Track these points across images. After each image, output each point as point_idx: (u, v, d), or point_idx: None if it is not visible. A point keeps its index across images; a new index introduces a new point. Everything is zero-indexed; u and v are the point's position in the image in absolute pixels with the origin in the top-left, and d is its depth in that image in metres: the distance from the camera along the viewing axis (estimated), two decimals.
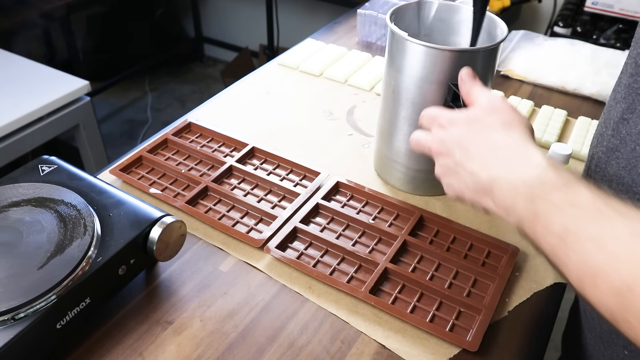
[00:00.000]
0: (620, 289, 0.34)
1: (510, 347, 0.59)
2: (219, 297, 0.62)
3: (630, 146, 0.49)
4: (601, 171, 0.53)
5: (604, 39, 1.48)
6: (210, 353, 0.56)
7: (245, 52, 2.75)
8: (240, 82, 1.04)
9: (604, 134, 0.53)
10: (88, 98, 1.53)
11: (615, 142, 0.51)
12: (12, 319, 0.49)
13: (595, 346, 0.58)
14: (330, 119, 0.94)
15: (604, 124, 0.54)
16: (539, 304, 0.64)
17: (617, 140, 0.51)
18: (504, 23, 0.68)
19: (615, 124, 0.51)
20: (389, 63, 0.70)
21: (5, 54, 1.63)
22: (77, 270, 0.53)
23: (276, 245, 0.67)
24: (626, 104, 0.50)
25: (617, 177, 0.50)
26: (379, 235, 0.70)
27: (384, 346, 0.58)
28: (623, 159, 0.50)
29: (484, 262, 0.67)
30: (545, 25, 1.77)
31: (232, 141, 0.85)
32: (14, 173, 0.64)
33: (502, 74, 1.10)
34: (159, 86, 2.84)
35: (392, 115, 0.73)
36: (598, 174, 0.53)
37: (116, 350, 0.56)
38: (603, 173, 0.52)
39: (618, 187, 0.50)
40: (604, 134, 0.53)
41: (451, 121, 0.53)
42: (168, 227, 0.59)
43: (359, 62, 1.09)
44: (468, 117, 0.53)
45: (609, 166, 0.52)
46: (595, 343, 0.58)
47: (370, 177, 0.81)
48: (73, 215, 0.58)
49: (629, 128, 0.49)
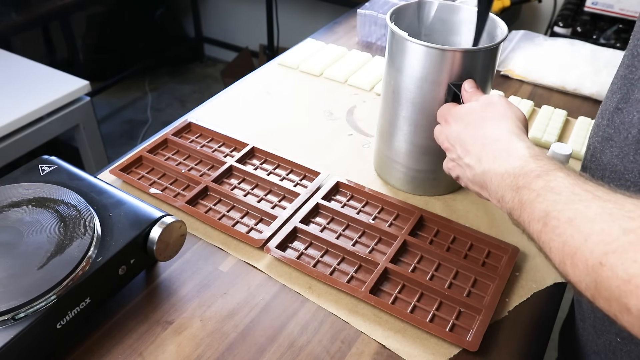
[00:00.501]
0: (594, 265, 0.36)
1: (510, 347, 0.59)
2: (219, 297, 0.62)
3: (623, 134, 0.50)
4: (596, 160, 0.54)
5: (604, 39, 1.48)
6: (210, 353, 0.56)
7: (245, 52, 2.75)
8: (240, 82, 1.04)
9: (599, 124, 0.55)
10: (88, 98, 1.53)
11: (610, 131, 0.52)
12: (12, 319, 0.49)
13: (588, 336, 0.59)
14: (330, 119, 0.94)
15: (600, 115, 0.55)
16: (539, 304, 0.64)
17: (611, 129, 0.52)
18: (504, 23, 0.68)
19: (610, 114, 0.52)
20: (389, 63, 0.70)
21: (5, 54, 1.63)
22: (77, 270, 0.53)
23: (276, 245, 0.67)
24: (621, 94, 0.51)
25: (610, 166, 0.51)
26: (379, 235, 0.70)
27: (384, 346, 0.58)
28: (616, 148, 0.51)
29: (484, 262, 0.67)
30: (545, 25, 1.77)
31: (232, 141, 0.85)
32: (14, 173, 0.64)
33: (502, 74, 1.10)
34: (159, 86, 2.84)
35: (392, 115, 0.73)
36: (593, 163, 0.55)
37: (116, 350, 0.56)
38: (598, 162, 0.53)
39: (611, 175, 0.51)
40: (599, 124, 0.55)
41: (453, 117, 0.59)
42: (168, 227, 0.59)
43: (359, 62, 1.09)
44: (466, 111, 0.58)
45: (603, 155, 0.53)
46: (589, 333, 0.58)
47: (370, 177, 0.81)
48: (73, 215, 0.58)
49: (622, 117, 0.50)
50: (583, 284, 0.37)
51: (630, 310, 0.33)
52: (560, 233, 0.39)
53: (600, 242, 0.36)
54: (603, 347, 0.55)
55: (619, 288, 0.34)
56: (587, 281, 0.37)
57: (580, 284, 0.38)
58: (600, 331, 0.56)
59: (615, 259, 0.34)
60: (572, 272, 0.38)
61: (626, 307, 0.34)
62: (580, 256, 0.37)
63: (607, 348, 0.55)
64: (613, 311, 0.35)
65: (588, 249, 0.36)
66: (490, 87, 0.71)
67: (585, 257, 0.37)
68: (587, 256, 0.36)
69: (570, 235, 0.38)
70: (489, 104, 0.57)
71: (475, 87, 0.62)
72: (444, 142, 0.60)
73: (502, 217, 0.74)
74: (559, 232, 0.39)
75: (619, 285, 0.34)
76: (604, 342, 0.55)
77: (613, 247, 0.35)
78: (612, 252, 0.35)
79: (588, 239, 0.37)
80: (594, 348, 0.57)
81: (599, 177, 0.53)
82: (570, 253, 0.38)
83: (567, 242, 0.38)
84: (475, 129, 0.55)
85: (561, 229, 0.39)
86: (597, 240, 0.36)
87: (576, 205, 0.39)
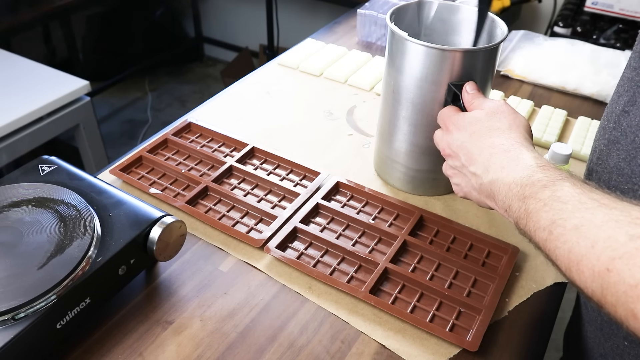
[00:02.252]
0: (600, 272, 0.36)
1: (510, 347, 0.59)
2: (219, 297, 0.62)
3: (630, 137, 0.50)
4: (602, 163, 0.54)
5: (604, 39, 1.48)
6: (210, 353, 0.56)
7: (245, 52, 2.75)
8: (240, 82, 1.04)
9: (605, 127, 0.54)
10: (88, 98, 1.54)
11: (616, 134, 0.52)
12: (12, 319, 0.49)
13: (595, 339, 0.58)
14: (330, 119, 0.94)
15: (606, 117, 0.55)
16: (539, 304, 0.64)
17: (617, 132, 0.52)
18: (504, 23, 0.68)
19: (617, 117, 0.52)
20: (389, 63, 0.70)
21: (5, 54, 1.63)
22: (77, 270, 0.53)
23: (276, 245, 0.67)
24: (627, 96, 0.51)
25: (617, 169, 0.51)
26: (379, 235, 0.70)
27: (384, 346, 0.58)
28: (623, 151, 0.51)
29: (484, 262, 0.67)
30: (545, 25, 1.77)
31: (232, 141, 0.85)
32: (14, 173, 0.64)
33: (502, 74, 1.10)
34: (159, 86, 2.84)
35: (392, 115, 0.73)
36: (599, 166, 0.54)
37: (116, 350, 0.56)
38: (604, 165, 0.53)
39: (618, 179, 0.51)
40: (606, 127, 0.54)
41: (456, 125, 0.58)
42: (168, 227, 0.59)
43: (359, 62, 1.09)
44: (471, 120, 0.57)
45: (609, 158, 0.53)
46: (596, 336, 0.58)
47: (370, 177, 0.81)
48: (73, 215, 0.58)
49: (629, 120, 0.50)
50: (589, 290, 0.37)
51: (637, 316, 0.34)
52: (566, 240, 0.39)
53: (607, 249, 0.36)
54: (610, 351, 0.55)
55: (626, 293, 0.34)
56: (594, 287, 0.37)
57: (587, 290, 0.38)
58: (608, 334, 0.55)
59: (622, 265, 0.35)
60: (578, 278, 0.38)
61: (632, 312, 0.34)
62: (586, 262, 0.37)
63: (615, 352, 0.54)
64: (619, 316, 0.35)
65: (594, 255, 0.37)
66: (490, 87, 0.71)
67: (591, 264, 0.37)
68: (593, 262, 0.37)
69: (576, 242, 0.38)
70: (494, 112, 0.56)
71: (477, 89, 0.62)
72: (445, 149, 0.60)
73: (502, 217, 0.73)
74: (564, 239, 0.39)
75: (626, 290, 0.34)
76: (612, 346, 0.55)
77: (620, 253, 0.35)
78: (619, 258, 0.35)
79: (594, 246, 0.37)
80: (600, 351, 0.57)
81: (605, 180, 0.53)
82: (576, 260, 0.38)
83: (573, 249, 0.39)
84: (481, 138, 0.54)
85: (567, 236, 0.39)
86: (604, 247, 0.36)
87: (582, 213, 0.39)
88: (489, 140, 0.54)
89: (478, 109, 0.58)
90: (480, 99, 0.60)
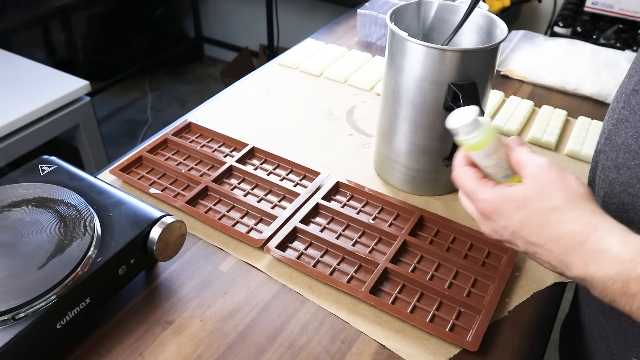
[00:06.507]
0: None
1: (510, 347, 0.59)
2: (219, 297, 0.62)
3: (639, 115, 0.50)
4: (610, 142, 0.54)
5: (604, 39, 1.48)
6: (210, 353, 0.56)
7: (245, 52, 2.75)
8: (240, 82, 1.04)
9: (614, 108, 0.55)
10: (88, 98, 1.54)
11: (625, 112, 0.52)
12: (12, 319, 0.49)
13: (594, 321, 0.59)
14: (330, 119, 0.94)
15: (615, 99, 0.55)
16: (539, 304, 0.64)
17: (627, 111, 0.52)
18: (504, 23, 0.68)
19: (627, 97, 0.52)
20: (389, 63, 0.70)
21: (5, 54, 1.63)
22: (77, 270, 0.53)
23: (276, 245, 0.67)
24: (638, 76, 0.51)
25: (624, 146, 0.51)
26: (379, 235, 0.70)
27: (384, 346, 0.58)
28: (631, 128, 0.51)
29: (484, 262, 0.67)
30: (545, 25, 1.77)
31: (232, 141, 0.85)
32: (14, 173, 0.64)
33: (502, 74, 1.10)
34: (159, 86, 2.84)
35: (392, 115, 0.73)
36: (607, 145, 0.54)
37: (116, 350, 0.56)
38: (612, 144, 0.53)
39: (625, 156, 0.51)
40: (615, 108, 0.55)
41: (495, 211, 0.47)
42: (168, 227, 0.59)
43: (359, 62, 1.09)
44: (515, 203, 0.46)
45: (617, 136, 0.52)
46: (596, 317, 0.58)
47: (370, 177, 0.81)
48: (73, 215, 0.58)
49: (638, 98, 0.50)
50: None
51: None
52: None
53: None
54: (612, 331, 0.55)
55: None
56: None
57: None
58: (609, 315, 0.55)
59: None
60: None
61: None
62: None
63: (617, 331, 0.54)
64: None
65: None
66: (490, 87, 0.71)
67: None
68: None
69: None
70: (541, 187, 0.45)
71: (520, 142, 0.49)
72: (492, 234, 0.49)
73: None
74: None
75: None
76: (613, 326, 0.55)
77: None
78: None
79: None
80: (601, 333, 0.57)
81: (612, 159, 0.53)
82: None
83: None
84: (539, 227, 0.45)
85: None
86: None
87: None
88: (549, 229, 0.44)
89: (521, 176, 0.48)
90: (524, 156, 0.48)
